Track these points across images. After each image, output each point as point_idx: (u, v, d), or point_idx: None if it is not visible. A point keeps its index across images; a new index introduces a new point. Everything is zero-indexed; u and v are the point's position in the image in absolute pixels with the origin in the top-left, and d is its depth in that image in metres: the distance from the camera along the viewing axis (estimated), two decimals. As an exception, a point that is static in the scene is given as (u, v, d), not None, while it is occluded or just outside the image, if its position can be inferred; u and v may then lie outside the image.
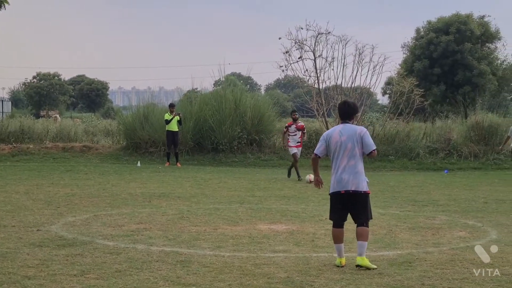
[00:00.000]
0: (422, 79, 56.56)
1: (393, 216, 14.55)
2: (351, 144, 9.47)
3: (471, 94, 58.66)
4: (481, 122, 31.48)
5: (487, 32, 60.78)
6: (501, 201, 17.76)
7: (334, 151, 9.60)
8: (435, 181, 23.41)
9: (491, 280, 8.73)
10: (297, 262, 9.73)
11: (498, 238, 11.96)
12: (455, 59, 58.79)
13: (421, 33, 62.23)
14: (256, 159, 29.80)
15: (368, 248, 10.15)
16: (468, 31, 58.30)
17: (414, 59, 60.76)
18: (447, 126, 33.07)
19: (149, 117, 30.85)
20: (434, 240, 11.74)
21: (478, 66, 58.41)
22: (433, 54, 58.99)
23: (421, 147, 30.96)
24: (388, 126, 32.12)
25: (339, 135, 9.57)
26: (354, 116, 9.89)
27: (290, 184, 21.52)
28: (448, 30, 58.65)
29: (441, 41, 58.24)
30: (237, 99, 31.00)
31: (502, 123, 32.02)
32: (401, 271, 9.23)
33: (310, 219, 14.02)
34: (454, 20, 59.13)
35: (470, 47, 58.43)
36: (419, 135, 32.34)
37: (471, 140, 31.26)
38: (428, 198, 18.30)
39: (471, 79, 58.60)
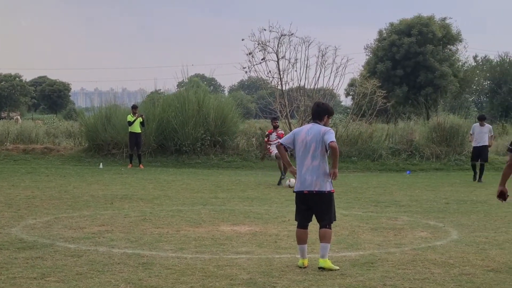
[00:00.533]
0: (385, 81, 57.01)
1: (355, 217, 14.60)
2: (315, 144, 9.47)
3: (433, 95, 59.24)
4: (443, 123, 31.73)
5: (448, 34, 61.39)
6: (462, 201, 17.93)
7: (299, 149, 9.60)
8: (397, 182, 23.55)
9: (452, 280, 8.79)
10: (259, 264, 9.71)
11: (459, 238, 12.06)
12: (417, 61, 59.32)
13: (383, 35, 62.70)
14: (220, 161, 29.75)
15: (331, 249, 10.17)
16: (430, 33, 58.86)
17: (377, 60, 61.21)
18: (409, 127, 33.30)
19: (112, 118, 30.63)
20: (396, 240, 11.80)
21: (439, 67, 58.97)
22: (396, 56, 59.47)
23: (383, 148, 31.13)
24: (351, 127, 32.24)
25: (305, 134, 9.58)
26: (325, 117, 9.80)
27: (253, 186, 21.51)
28: (410, 32, 59.16)
29: (404, 43, 58.73)
30: (200, 100, 30.90)
31: (463, 124, 32.31)
32: (363, 271, 9.26)
33: (273, 220, 14.01)
34: (416, 22, 59.66)
35: (432, 49, 59.00)
36: (381, 136, 32.53)
37: (433, 141, 31.50)
38: (390, 199, 18.40)
39: (433, 81, 59.15)
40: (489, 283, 8.66)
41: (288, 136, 9.84)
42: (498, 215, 15.23)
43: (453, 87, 61.39)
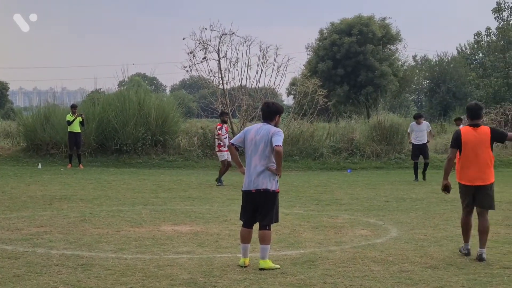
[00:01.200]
0: (326, 80, 57.43)
1: (296, 216, 14.65)
2: (263, 145, 9.45)
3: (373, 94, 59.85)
4: (383, 122, 32.05)
5: (388, 34, 62.14)
6: (401, 199, 18.13)
7: (248, 148, 9.59)
8: (338, 181, 23.71)
9: (391, 277, 8.87)
10: (200, 263, 9.67)
11: (398, 236, 12.19)
12: (357, 60, 59.90)
13: (324, 34, 63.15)
14: (161, 160, 29.56)
15: (272, 247, 10.18)
16: (370, 33, 59.50)
17: (318, 60, 61.62)
18: (350, 126, 33.54)
19: (51, 118, 30.20)
20: (336, 238, 11.87)
21: (380, 67, 59.66)
22: (337, 55, 59.95)
23: (324, 147, 31.32)
24: (292, 126, 32.36)
25: (255, 133, 9.57)
26: (277, 117, 9.77)
27: (195, 185, 21.42)
28: (350, 32, 59.71)
29: (344, 42, 59.24)
30: (141, 99, 30.67)
31: (403, 123, 32.67)
32: (303, 270, 9.29)
33: (214, 220, 13.97)
34: (356, 22, 60.24)
35: (372, 49, 59.65)
36: (322, 135, 32.71)
37: (373, 140, 31.79)
38: (331, 197, 18.51)
39: (373, 80, 59.80)
40: (427, 279, 8.76)
41: (239, 135, 9.81)
42: (437, 212, 15.44)
43: (393, 86, 62.15)
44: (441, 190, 10.91)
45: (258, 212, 9.55)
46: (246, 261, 9.50)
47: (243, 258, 9.54)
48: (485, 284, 8.56)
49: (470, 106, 10.60)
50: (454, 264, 9.68)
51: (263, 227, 9.47)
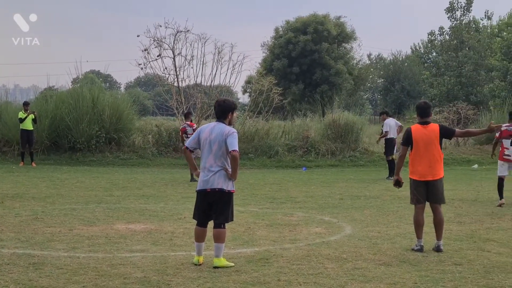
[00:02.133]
0: (282, 78, 57.59)
1: (251, 214, 14.64)
2: (217, 144, 9.38)
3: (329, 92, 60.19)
4: (338, 120, 32.16)
5: (343, 33, 62.53)
6: (356, 197, 18.23)
7: (203, 147, 9.51)
8: (293, 179, 23.77)
9: (345, 274, 8.90)
10: (154, 262, 9.60)
11: (352, 233, 12.25)
12: (313, 59, 60.17)
13: (280, 32, 63.30)
14: (115, 158, 29.33)
15: (226, 245, 10.15)
16: (325, 31, 59.80)
17: (274, 58, 61.77)
18: (305, 124, 33.59)
19: (2, 115, 29.79)
20: (291, 236, 11.88)
21: (335, 65, 60.01)
22: (292, 54, 60.14)
23: (280, 145, 31.34)
24: (248, 124, 32.35)
25: (209, 132, 9.48)
26: (230, 114, 9.70)
27: (149, 183, 21.30)
28: (306, 30, 59.95)
29: (300, 40, 59.46)
30: (95, 97, 30.39)
31: (358, 121, 32.87)
32: (258, 267, 9.28)
33: (169, 218, 13.90)
34: (311, 20, 60.49)
35: (327, 47, 59.97)
36: (278, 133, 32.74)
37: (328, 138, 31.90)
38: (286, 195, 18.53)
39: (328, 78, 60.12)
40: (380, 276, 8.81)
41: (193, 137, 9.70)
42: (390, 210, 15.56)
43: (348, 84, 62.59)
44: (393, 185, 11.31)
45: (213, 211, 9.50)
46: (200, 259, 9.46)
47: (197, 256, 9.50)
48: (437, 280, 8.63)
49: (420, 105, 11.07)
50: (407, 261, 9.75)
51: (217, 226, 9.43)
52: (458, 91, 65.49)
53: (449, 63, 67.62)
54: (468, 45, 67.32)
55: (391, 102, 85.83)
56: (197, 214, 9.66)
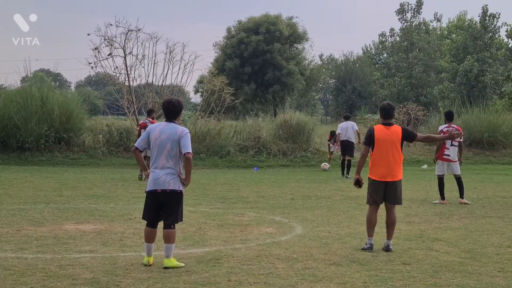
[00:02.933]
0: (234, 78, 57.60)
1: (202, 214, 14.60)
2: (170, 144, 9.31)
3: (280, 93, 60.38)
4: (289, 121, 32.27)
5: (295, 33, 62.77)
6: (307, 197, 18.29)
7: (153, 148, 9.42)
8: (245, 179, 23.77)
9: (295, 274, 8.92)
10: (103, 262, 9.51)
11: (303, 233, 12.28)
12: (265, 59, 60.28)
13: (232, 32, 63.28)
14: (65, 158, 28.99)
15: (177, 246, 10.10)
16: (277, 32, 59.96)
17: (226, 58, 61.73)
18: (257, 125, 33.62)
19: (-51, 114, 29.22)
20: (242, 236, 11.87)
21: (287, 66, 60.19)
22: (244, 54, 60.18)
23: (231, 145, 31.33)
24: (199, 124, 32.28)
25: (160, 132, 9.39)
26: (180, 115, 9.71)
27: (99, 183, 21.10)
28: (258, 30, 60.04)
29: (252, 40, 59.52)
30: (44, 96, 29.99)
31: (309, 122, 33.03)
32: (208, 268, 9.25)
33: (119, 218, 13.78)
34: (263, 20, 60.61)
35: (279, 47, 60.11)
36: (229, 133, 32.72)
37: (280, 138, 31.99)
38: (237, 195, 18.53)
39: (280, 79, 60.28)
40: (330, 276, 8.85)
41: (142, 137, 9.59)
42: (341, 210, 15.65)
43: (299, 85, 62.85)
44: (353, 184, 11.32)
45: (163, 211, 9.43)
46: (150, 260, 9.39)
47: (147, 257, 9.43)
48: (386, 280, 8.70)
49: (383, 106, 11.12)
50: (356, 261, 9.80)
51: (168, 226, 9.38)
52: (408, 92, 66.20)
53: (400, 64, 68.32)
54: (418, 46, 68.08)
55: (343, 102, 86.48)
56: (147, 215, 9.58)
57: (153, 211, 9.50)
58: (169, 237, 9.34)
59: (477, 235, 12.30)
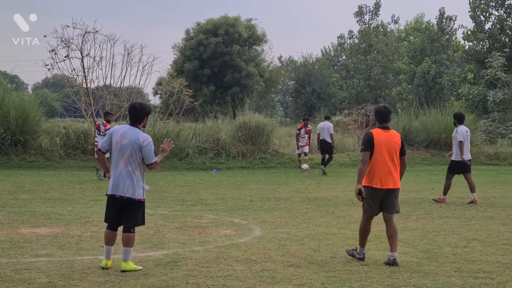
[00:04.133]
0: (193, 80, 57.48)
1: (161, 216, 14.52)
2: (130, 150, 9.20)
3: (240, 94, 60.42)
4: (248, 122, 32.24)
5: (254, 35, 62.82)
6: (266, 199, 18.30)
7: (114, 150, 9.31)
8: (204, 181, 23.70)
9: (254, 276, 8.90)
10: (60, 266, 9.40)
11: (261, 235, 12.27)
12: (224, 61, 60.24)
13: (191, 34, 63.13)
14: (21, 161, 28.58)
15: (135, 249, 10.03)
16: (236, 34, 59.97)
17: (184, 60, 61.57)
18: (216, 126, 33.54)
19: None
20: (200, 239, 11.83)
21: (246, 67, 60.22)
22: (203, 55, 60.08)
23: (190, 147, 31.20)
24: (158, 126, 32.11)
25: (121, 136, 9.28)
26: (145, 119, 9.54)
27: (56, 186, 20.87)
28: (217, 32, 59.97)
29: (211, 42, 59.44)
30: (0, 98, 29.58)
31: (268, 123, 33.06)
32: (166, 271, 9.19)
33: (76, 222, 13.64)
34: (222, 22, 60.57)
35: (239, 49, 60.12)
36: (189, 135, 32.58)
37: (239, 140, 31.94)
38: (196, 197, 18.47)
39: (239, 80, 60.30)
40: (288, 278, 8.85)
41: (105, 139, 9.46)
42: (300, 211, 15.68)
43: (259, 86, 62.89)
44: (355, 195, 10.38)
45: (123, 214, 9.35)
46: (108, 263, 9.31)
47: (106, 260, 9.34)
48: (344, 281, 8.72)
49: (379, 109, 10.34)
50: (315, 262, 9.82)
51: (127, 230, 9.30)
52: (367, 93, 66.73)
53: (358, 66, 68.86)
54: (376, 48, 68.66)
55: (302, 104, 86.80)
56: (108, 218, 9.50)
57: (113, 214, 9.41)
58: (128, 240, 9.27)
59: (434, 236, 12.42)
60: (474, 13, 55.05)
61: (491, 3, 55.03)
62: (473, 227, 13.33)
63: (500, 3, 54.80)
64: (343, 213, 15.48)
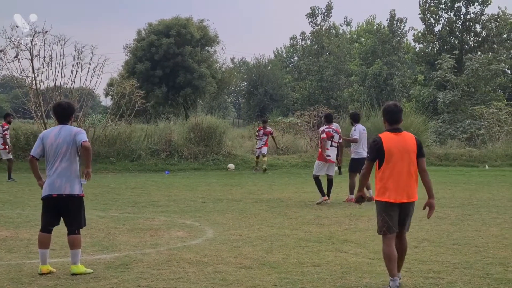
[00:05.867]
0: (144, 81, 57.13)
1: (112, 219, 14.39)
2: (66, 146, 9.18)
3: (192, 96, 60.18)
4: (201, 124, 32.20)
5: (206, 36, 62.69)
6: (218, 200, 18.26)
7: (49, 153, 9.25)
8: (156, 182, 23.59)
9: (206, 278, 8.87)
10: (9, 270, 9.27)
11: (214, 237, 12.24)
12: (176, 62, 60.01)
13: (142, 35, 62.76)
14: (-30, 163, 28.12)
15: (85, 252, 9.93)
16: (188, 34, 59.78)
17: (136, 60, 61.16)
18: (168, 128, 33.44)
19: None
20: (152, 241, 11.75)
21: (198, 69, 60.06)
22: (155, 56, 59.77)
23: (142, 148, 31.06)
24: (109, 127, 31.88)
25: (55, 137, 9.24)
26: (72, 117, 9.58)
27: (5, 189, 20.58)
28: (169, 33, 59.73)
29: (162, 43, 59.16)
30: None
31: (221, 125, 33.03)
32: (117, 273, 9.11)
33: (25, 224, 13.47)
34: (174, 23, 60.35)
35: (191, 50, 59.95)
36: (140, 136, 32.44)
37: (191, 141, 31.88)
38: (148, 199, 18.36)
39: (192, 82, 60.11)
40: (241, 279, 8.83)
41: (37, 145, 9.37)
42: (252, 213, 15.67)
43: (211, 88, 62.77)
44: (354, 201, 9.51)
45: (64, 217, 9.26)
46: (43, 269, 9.07)
47: (42, 265, 9.15)
48: (296, 282, 8.73)
49: (389, 108, 8.71)
50: (267, 264, 9.81)
51: (72, 232, 9.22)
52: (319, 95, 67.09)
53: (311, 68, 69.20)
54: (328, 50, 69.09)
55: (254, 105, 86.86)
56: (44, 220, 9.40)
57: (49, 216, 9.33)
58: (75, 243, 9.18)
59: (385, 236, 12.48)
60: (424, 16, 55.80)
61: (441, 6, 55.80)
62: (423, 227, 13.46)
63: (450, 5, 55.61)
64: (295, 214, 15.52)
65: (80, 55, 32.03)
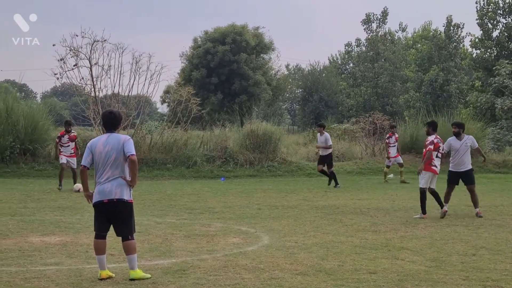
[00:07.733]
0: (200, 88, 57.58)
1: (169, 225, 14.55)
2: (115, 155, 9.28)
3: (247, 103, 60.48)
4: (256, 130, 32.26)
5: (261, 43, 62.92)
6: (273, 207, 18.31)
7: (98, 161, 9.38)
8: (211, 189, 23.73)
9: (262, 285, 8.92)
10: (69, 275, 9.44)
11: (269, 243, 12.28)
12: (231, 69, 60.33)
13: (198, 42, 63.26)
14: (30, 169, 28.71)
15: (143, 257, 10.07)
16: (243, 42, 60.07)
17: (192, 68, 61.66)
18: (224, 135, 33.57)
19: None
20: (208, 247, 11.85)
21: (253, 76, 60.29)
22: (211, 64, 60.18)
23: (198, 155, 31.25)
24: (166, 134, 32.18)
25: (103, 145, 9.37)
26: (119, 126, 9.74)
27: (65, 195, 20.93)
28: (224, 40, 60.09)
29: (218, 51, 59.54)
30: (9, 107, 29.71)
31: (276, 131, 33.07)
32: (175, 279, 9.22)
33: (84, 230, 13.69)
34: (230, 30, 60.70)
35: (246, 57, 60.20)
36: (196, 143, 32.65)
37: (247, 148, 31.98)
38: (204, 205, 18.49)
39: (247, 89, 60.36)
40: (296, 286, 8.86)
41: (86, 154, 9.49)
42: (308, 219, 15.67)
43: (266, 95, 62.94)
44: None
45: (114, 223, 9.40)
46: (103, 274, 9.22)
47: (101, 271, 9.30)
48: (352, 289, 8.74)
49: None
50: (323, 271, 9.82)
51: (125, 238, 9.33)
52: (374, 101, 66.73)
53: (366, 74, 68.90)
54: (383, 56, 68.68)
55: (309, 112, 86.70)
56: (97, 226, 9.54)
57: (101, 222, 9.47)
58: (129, 248, 9.30)
59: (442, 244, 12.40)
60: (482, 21, 55.05)
61: (498, 11, 55.03)
62: (481, 235, 13.32)
63: (508, 11, 54.81)
64: (350, 221, 15.48)
65: (137, 63, 32.41)
